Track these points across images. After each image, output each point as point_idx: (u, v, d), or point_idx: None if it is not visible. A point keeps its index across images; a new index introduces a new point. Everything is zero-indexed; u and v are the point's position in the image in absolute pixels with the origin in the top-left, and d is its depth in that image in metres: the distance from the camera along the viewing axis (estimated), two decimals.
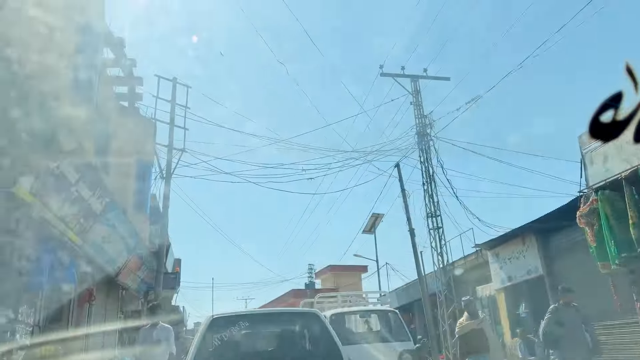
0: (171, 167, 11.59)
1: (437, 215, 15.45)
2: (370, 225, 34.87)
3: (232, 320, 5.14)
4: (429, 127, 16.06)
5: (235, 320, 5.13)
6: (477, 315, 8.34)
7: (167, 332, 7.88)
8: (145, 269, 12.94)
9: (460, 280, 16.69)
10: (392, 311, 10.64)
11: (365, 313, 10.94)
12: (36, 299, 7.71)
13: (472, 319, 7.93)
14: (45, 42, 6.74)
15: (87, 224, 8.27)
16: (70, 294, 8.44)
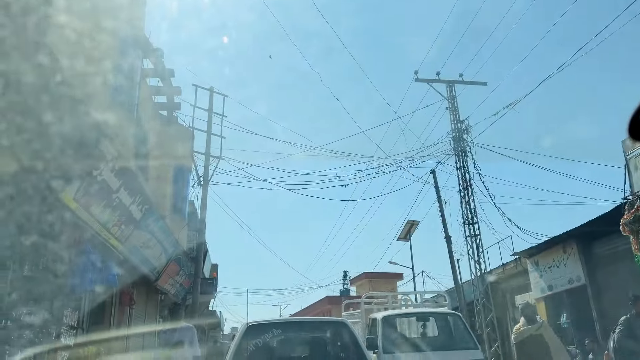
0: (208, 174, 11.83)
1: (474, 223, 15.18)
2: (406, 232, 34.52)
3: (265, 328, 5.52)
4: (465, 132, 15.83)
5: (268, 328, 5.53)
6: (534, 320, 7.51)
7: (190, 333, 7.07)
8: (183, 274, 13.21)
9: (498, 289, 16.35)
10: (455, 314, 9.07)
11: (423, 315, 9.40)
12: (80, 302, 8.00)
13: (529, 324, 7.23)
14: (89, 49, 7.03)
15: (127, 230, 8.53)
16: (112, 298, 8.70)
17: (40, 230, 6.31)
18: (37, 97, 6.26)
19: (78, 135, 6.63)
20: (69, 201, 6.45)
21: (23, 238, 5.61)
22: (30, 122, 5.47)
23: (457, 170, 15.78)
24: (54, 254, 6.66)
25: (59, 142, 6.45)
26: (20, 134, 5.45)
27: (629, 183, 8.56)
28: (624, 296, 8.77)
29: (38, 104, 6.33)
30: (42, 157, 6.38)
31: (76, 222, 6.79)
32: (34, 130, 6.31)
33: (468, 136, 15.75)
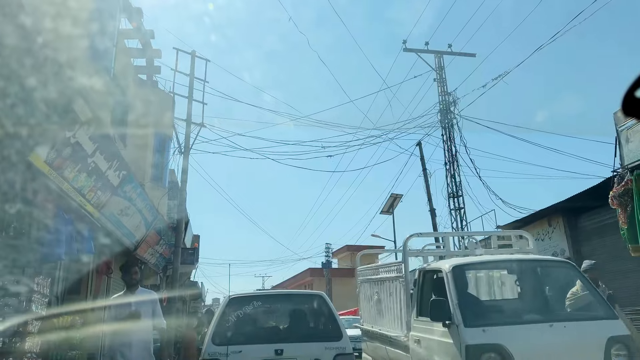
0: (189, 141, 11.45)
1: (459, 196, 15.10)
2: (389, 206, 34.58)
3: (247, 300, 5.89)
4: (452, 104, 15.62)
5: (250, 300, 5.88)
6: (597, 284, 5.86)
7: (149, 302, 5.63)
8: (163, 244, 12.93)
9: None
10: (568, 263, 6.25)
11: (523, 266, 6.21)
12: (54, 270, 7.69)
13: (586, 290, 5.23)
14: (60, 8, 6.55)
15: (104, 196, 8.18)
16: (88, 266, 8.40)
17: (10, 194, 5.96)
18: (4, 53, 5.83)
19: (49, 94, 6.23)
20: (41, 164, 6.08)
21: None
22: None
23: (444, 142, 15.62)
24: (26, 219, 6.32)
25: (29, 102, 6.04)
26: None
27: (619, 156, 8.46)
28: (609, 269, 8.77)
29: (5, 61, 5.90)
30: (11, 117, 5.98)
31: (49, 187, 6.43)
32: (1, 89, 5.90)
33: (455, 108, 15.55)
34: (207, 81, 12.36)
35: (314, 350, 5.22)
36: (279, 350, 5.12)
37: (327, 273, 45.56)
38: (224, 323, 5.60)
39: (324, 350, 5.20)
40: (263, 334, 5.91)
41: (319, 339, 5.49)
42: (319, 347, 5.26)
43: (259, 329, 6.04)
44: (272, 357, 5.09)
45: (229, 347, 5.13)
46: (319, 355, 5.17)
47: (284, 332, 5.89)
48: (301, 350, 5.22)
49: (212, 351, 5.18)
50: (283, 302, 6.59)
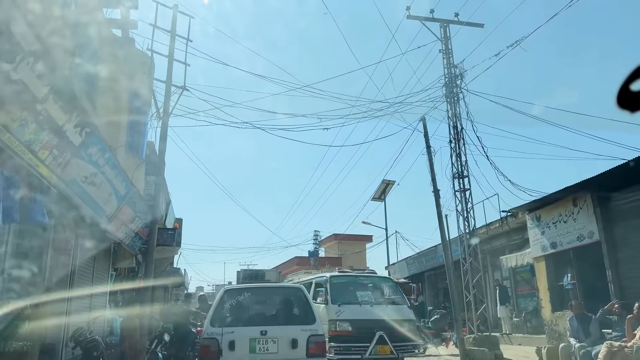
0: (169, 105, 10.03)
1: (465, 176, 13.92)
2: (381, 192, 33.46)
3: (240, 291, 7.22)
4: (459, 77, 14.38)
5: (242, 291, 7.21)
6: None
7: None
8: (139, 222, 11.54)
9: (477, 250, 15.28)
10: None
11: None
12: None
13: None
14: None
15: (62, 157, 6.79)
16: (41, 240, 7.02)
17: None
18: None
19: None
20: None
21: None
22: None
23: (449, 119, 14.40)
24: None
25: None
26: None
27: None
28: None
29: None
30: None
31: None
32: None
33: (462, 82, 14.31)
34: (191, 40, 10.96)
35: (292, 332, 6.40)
36: (264, 332, 6.30)
37: (314, 261, 44.44)
38: (220, 309, 6.75)
39: (300, 332, 6.39)
40: (251, 318, 7.01)
41: (297, 322, 6.75)
42: (296, 329, 6.46)
43: (249, 314, 7.13)
44: (258, 337, 6.27)
45: (223, 329, 6.26)
46: (295, 336, 6.34)
47: (269, 317, 7.12)
48: (282, 332, 6.40)
49: (210, 331, 6.32)
50: (269, 293, 7.90)
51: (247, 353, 6.21)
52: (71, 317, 9.50)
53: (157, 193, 9.63)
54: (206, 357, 6.22)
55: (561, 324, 10.35)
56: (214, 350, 6.12)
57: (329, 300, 9.33)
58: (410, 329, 9.25)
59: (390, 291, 10.51)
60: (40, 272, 7.83)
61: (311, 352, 6.32)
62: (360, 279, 10.74)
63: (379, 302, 9.80)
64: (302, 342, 6.32)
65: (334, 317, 8.96)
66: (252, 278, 15.34)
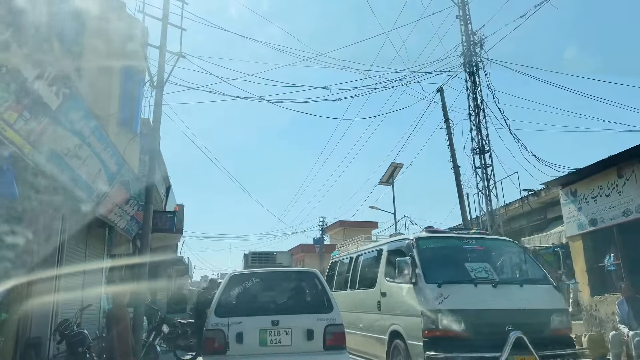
0: (163, 73, 9.01)
1: (486, 152, 12.89)
2: (388, 176, 32.42)
3: (247, 277, 6.51)
4: (478, 45, 13.29)
5: (249, 277, 6.48)
6: None
7: None
8: (134, 205, 10.59)
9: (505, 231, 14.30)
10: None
11: None
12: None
13: None
14: None
15: (35, 122, 5.81)
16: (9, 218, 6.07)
17: None
18: None
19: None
20: None
21: None
22: None
23: (467, 90, 13.34)
24: None
25: None
26: None
27: None
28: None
29: None
30: None
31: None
32: None
33: (482, 49, 13.23)
34: (187, 2, 9.91)
35: (307, 321, 5.71)
36: (275, 321, 5.63)
37: (320, 249, 43.62)
38: (225, 297, 6.08)
39: (316, 321, 5.69)
40: (261, 307, 6.24)
41: (312, 311, 5.97)
42: (312, 318, 5.75)
43: (258, 302, 6.41)
44: (269, 327, 5.61)
45: (230, 319, 5.60)
46: (311, 326, 5.66)
47: (280, 305, 6.28)
48: (295, 321, 5.71)
49: (215, 322, 5.64)
50: (280, 278, 6.99)
51: (257, 346, 5.57)
52: (59, 308, 8.61)
53: (152, 166, 8.62)
54: (211, 351, 5.56)
55: (602, 309, 9.38)
56: (219, 343, 5.52)
57: (419, 277, 6.16)
58: (563, 325, 6.04)
59: (522, 262, 6.90)
60: (20, 258, 6.89)
61: (329, 344, 5.66)
62: (468, 242, 6.98)
63: (506, 280, 6.53)
64: (319, 332, 5.66)
65: (434, 307, 5.81)
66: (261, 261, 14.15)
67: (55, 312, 8.45)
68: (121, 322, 5.93)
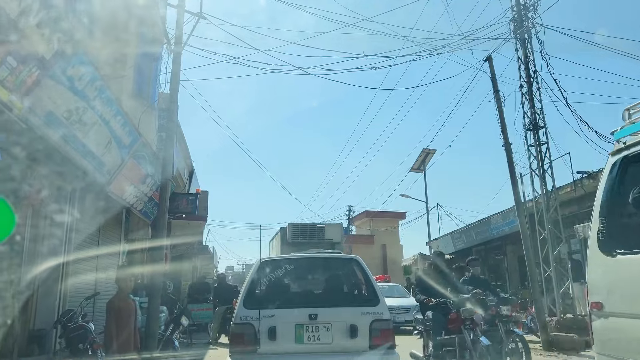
0: (182, 30, 7.95)
1: (541, 128, 11.54)
2: (420, 163, 31.09)
3: (278, 263, 5.84)
4: (530, 9, 11.92)
5: (281, 264, 5.81)
6: None
7: None
8: (152, 184, 9.65)
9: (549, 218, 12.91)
10: None
11: None
12: None
13: None
14: None
15: (27, 72, 4.83)
16: None
17: None
18: None
19: None
20: None
21: None
22: None
23: (518, 59, 11.98)
24: None
25: None
26: None
27: None
28: None
29: None
30: None
31: None
32: None
33: (535, 14, 11.84)
34: None
35: (350, 316, 5.02)
36: (313, 315, 4.95)
37: (346, 240, 42.55)
38: (255, 287, 5.46)
39: (360, 315, 5.02)
40: (296, 298, 5.71)
41: (355, 304, 5.36)
42: (355, 312, 5.07)
43: (292, 293, 5.89)
44: (305, 322, 4.94)
45: (260, 311, 4.94)
46: (354, 321, 4.96)
47: (318, 297, 5.66)
48: (336, 315, 5.04)
49: (244, 315, 4.96)
50: (316, 265, 6.33)
51: (293, 343, 4.84)
52: (67, 297, 7.73)
53: (170, 135, 7.59)
54: (239, 348, 4.82)
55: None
56: (249, 339, 4.79)
57: None
58: None
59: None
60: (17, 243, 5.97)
61: (376, 342, 4.89)
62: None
63: None
64: (364, 329, 4.88)
65: None
66: (304, 236, 12.87)
67: (63, 301, 7.58)
68: (123, 312, 4.95)
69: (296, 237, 9.90)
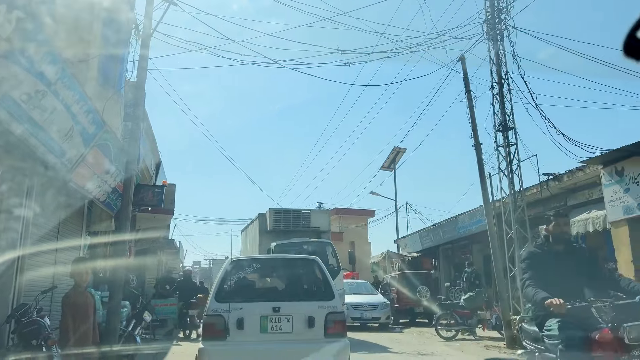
0: (151, 16, 7.65)
1: (511, 129, 11.68)
2: (390, 161, 31.28)
3: (247, 263, 6.61)
4: (503, 11, 12.04)
5: (249, 263, 6.63)
6: None
7: None
8: (117, 175, 9.32)
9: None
10: None
11: None
12: None
13: None
14: None
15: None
16: None
17: None
18: None
19: None
20: None
21: None
22: None
23: (490, 61, 12.09)
24: None
25: None
26: None
27: None
28: None
29: None
30: None
31: None
32: None
33: (507, 16, 11.97)
34: None
35: (308, 309, 5.66)
36: (277, 308, 5.55)
37: None
38: (225, 283, 5.98)
39: (317, 308, 5.65)
40: (262, 293, 6.38)
41: (313, 298, 5.98)
42: (313, 305, 5.71)
43: (258, 288, 6.53)
44: (270, 314, 5.53)
45: (230, 305, 5.52)
46: (312, 313, 5.60)
47: (281, 292, 6.27)
48: (296, 308, 5.66)
49: (215, 307, 5.56)
50: (280, 265, 7.07)
51: (258, 332, 5.49)
52: (22, 291, 7.37)
53: (136, 126, 7.32)
54: (211, 336, 5.46)
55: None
56: (219, 328, 5.41)
57: None
58: None
59: None
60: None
61: (330, 332, 5.61)
62: None
63: None
64: (320, 320, 5.60)
65: None
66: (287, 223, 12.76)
67: (18, 295, 7.22)
68: (79, 307, 4.72)
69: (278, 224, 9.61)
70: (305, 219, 11.71)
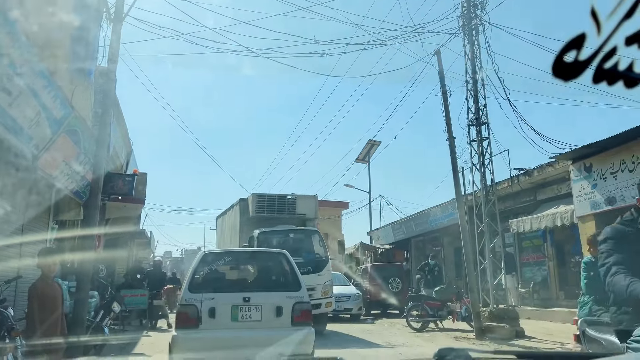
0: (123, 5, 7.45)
1: (484, 124, 11.84)
2: (365, 154, 31.41)
3: (219, 256, 6.89)
4: (478, 7, 12.15)
5: (221, 256, 6.94)
6: None
7: None
8: (86, 162, 9.08)
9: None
10: None
11: None
12: None
13: None
14: None
15: None
16: None
17: None
18: None
19: None
20: None
21: None
22: None
23: (465, 55, 12.21)
24: None
25: None
26: None
27: None
28: None
29: None
30: None
31: None
32: None
33: (483, 11, 12.09)
34: None
35: (277, 299, 5.99)
36: (247, 298, 5.87)
37: None
38: (198, 274, 6.26)
39: (285, 298, 5.98)
40: (233, 284, 6.75)
41: (281, 289, 6.33)
42: (281, 296, 6.05)
43: (230, 280, 6.92)
44: (240, 304, 5.83)
45: (203, 295, 5.80)
46: (280, 303, 5.92)
47: (251, 283, 6.65)
48: (266, 298, 5.98)
49: (189, 297, 5.82)
50: (251, 258, 7.42)
51: (229, 321, 5.79)
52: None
53: (106, 113, 7.13)
54: (184, 325, 5.74)
55: None
56: (192, 317, 5.70)
57: None
58: None
59: None
60: None
61: (297, 320, 5.93)
62: None
63: None
64: (287, 309, 5.93)
65: None
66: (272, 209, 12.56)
67: None
68: (47, 297, 4.60)
69: (261, 210, 9.35)
70: (291, 205, 11.42)
